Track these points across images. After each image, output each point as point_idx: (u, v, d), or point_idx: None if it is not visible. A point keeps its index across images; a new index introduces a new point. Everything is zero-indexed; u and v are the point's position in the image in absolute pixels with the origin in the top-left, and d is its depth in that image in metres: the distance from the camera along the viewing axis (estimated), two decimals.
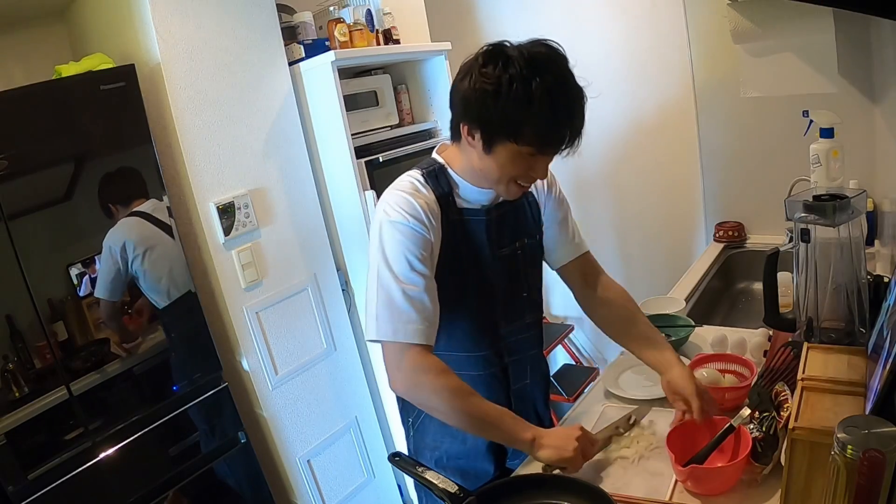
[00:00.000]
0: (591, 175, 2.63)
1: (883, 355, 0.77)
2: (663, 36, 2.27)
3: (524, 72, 0.93)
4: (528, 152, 1.00)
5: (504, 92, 0.94)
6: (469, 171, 1.10)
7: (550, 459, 1.03)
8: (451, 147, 1.14)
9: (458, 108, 1.03)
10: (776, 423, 0.94)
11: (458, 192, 1.12)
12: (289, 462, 1.97)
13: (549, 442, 1.03)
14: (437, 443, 1.22)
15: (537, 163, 1.03)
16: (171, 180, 1.76)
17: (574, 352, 2.89)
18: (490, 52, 0.98)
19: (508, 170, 1.02)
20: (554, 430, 1.08)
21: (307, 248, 2.03)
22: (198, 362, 1.77)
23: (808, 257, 1.05)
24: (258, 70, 1.89)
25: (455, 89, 1.02)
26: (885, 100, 1.78)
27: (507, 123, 0.96)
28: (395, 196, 1.07)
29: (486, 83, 0.95)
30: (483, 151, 1.01)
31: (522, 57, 0.95)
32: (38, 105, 1.48)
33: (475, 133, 1.01)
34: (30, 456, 1.44)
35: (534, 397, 1.29)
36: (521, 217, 1.20)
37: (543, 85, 0.94)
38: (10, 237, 1.39)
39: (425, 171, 1.11)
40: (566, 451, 1.02)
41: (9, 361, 1.41)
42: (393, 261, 1.03)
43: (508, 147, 0.99)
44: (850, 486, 0.64)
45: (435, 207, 1.08)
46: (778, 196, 1.63)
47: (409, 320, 1.01)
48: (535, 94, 0.93)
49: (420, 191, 1.08)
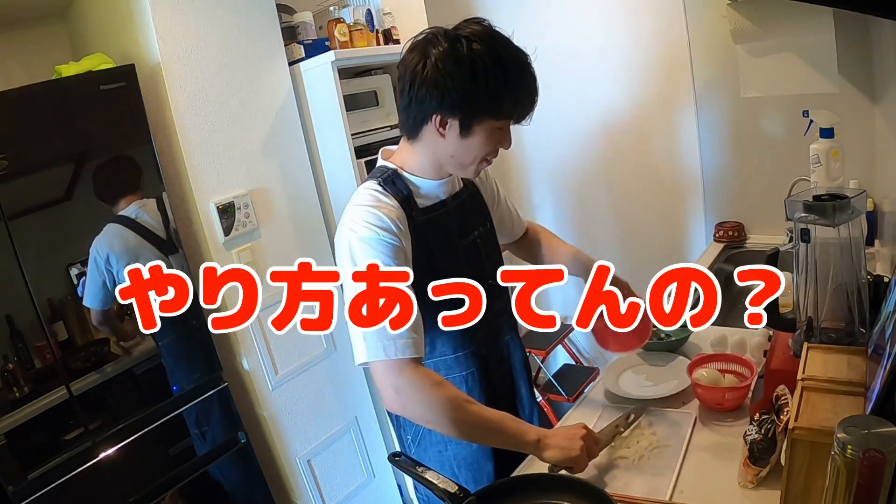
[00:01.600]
0: (591, 175, 2.63)
1: (884, 356, 0.77)
2: (663, 36, 2.27)
3: (486, 49, 0.96)
4: (503, 125, 1.03)
5: (481, 72, 0.96)
6: (428, 166, 1.10)
7: (556, 460, 1.02)
8: (399, 150, 1.14)
9: (426, 102, 1.00)
10: (775, 426, 0.94)
11: (417, 193, 1.12)
12: (289, 462, 1.97)
13: (555, 442, 1.03)
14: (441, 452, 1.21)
15: (506, 134, 1.06)
16: (171, 180, 1.76)
17: (574, 352, 2.89)
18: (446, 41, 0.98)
19: (484, 147, 1.04)
20: (558, 430, 1.08)
21: (307, 248, 2.03)
22: (198, 362, 1.77)
23: (808, 257, 1.05)
24: (258, 70, 1.89)
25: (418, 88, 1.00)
26: (885, 100, 1.78)
27: (488, 101, 0.98)
28: (358, 212, 1.05)
29: (460, 69, 0.96)
30: (459, 137, 1.02)
31: (474, 37, 0.97)
32: (38, 105, 1.48)
33: (450, 120, 1.00)
34: (30, 456, 1.44)
35: (518, 384, 1.29)
36: (475, 204, 1.23)
37: (506, 56, 0.97)
38: (10, 237, 1.39)
39: (381, 179, 1.10)
40: (572, 450, 1.02)
41: (9, 361, 1.41)
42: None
43: (486, 124, 1.01)
44: (850, 486, 0.64)
45: (400, 213, 1.07)
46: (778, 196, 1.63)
47: (397, 335, 0.99)
48: (506, 65, 0.97)
49: (382, 200, 1.06)
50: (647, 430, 1.18)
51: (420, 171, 1.11)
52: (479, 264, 1.20)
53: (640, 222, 2.61)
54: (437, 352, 1.16)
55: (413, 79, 1.00)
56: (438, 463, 1.20)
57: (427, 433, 1.20)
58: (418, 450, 1.23)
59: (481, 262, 1.20)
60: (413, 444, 1.23)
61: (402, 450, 1.27)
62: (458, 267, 1.14)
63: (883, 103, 1.80)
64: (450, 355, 1.17)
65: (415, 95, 1.01)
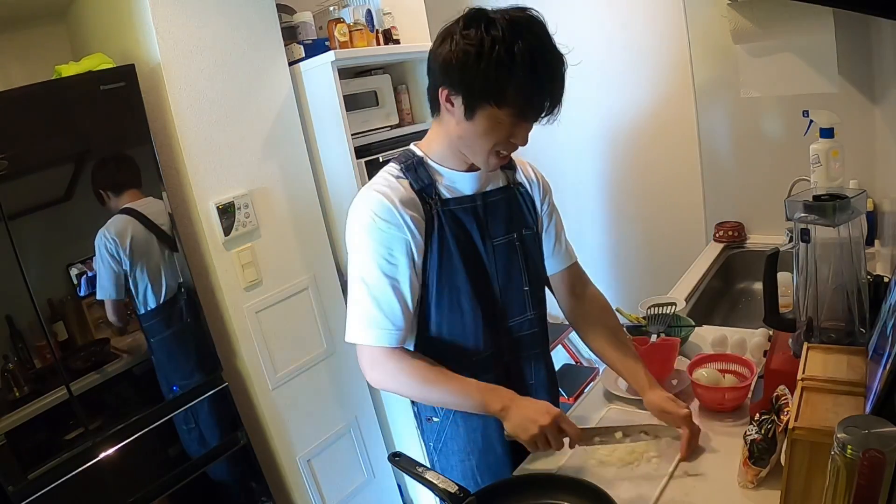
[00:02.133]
0: (591, 174, 2.63)
1: (884, 355, 0.77)
2: (663, 35, 2.27)
3: (506, 34, 0.93)
4: (509, 117, 0.99)
5: (486, 53, 0.93)
6: (448, 150, 1.08)
7: (511, 433, 1.02)
8: (428, 133, 1.13)
9: (437, 73, 1.01)
10: (775, 426, 0.94)
11: (442, 183, 1.10)
12: (289, 462, 1.97)
13: (516, 414, 1.02)
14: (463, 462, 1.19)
15: (518, 130, 1.02)
16: (171, 180, 1.76)
17: (574, 352, 2.89)
18: (471, 16, 0.97)
19: (490, 137, 1.01)
20: (528, 404, 1.04)
21: (307, 248, 2.03)
22: (198, 362, 1.77)
23: (808, 257, 1.05)
24: (258, 70, 1.89)
25: (434, 54, 1.01)
26: (885, 100, 1.78)
27: (489, 86, 0.95)
28: (366, 196, 1.06)
29: (468, 45, 0.94)
30: (464, 117, 1.00)
31: (504, 20, 0.95)
32: (38, 105, 1.48)
33: (454, 98, 0.99)
34: (30, 456, 1.44)
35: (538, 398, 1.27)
36: (514, 207, 1.18)
37: (525, 46, 0.93)
38: (10, 237, 1.39)
39: (403, 165, 1.09)
40: (527, 430, 1.00)
41: (9, 361, 1.41)
42: (362, 264, 1.05)
43: (490, 112, 0.98)
44: (850, 486, 0.64)
45: (414, 201, 1.06)
46: (778, 196, 1.63)
47: (378, 325, 1.04)
48: (518, 55, 0.93)
49: (394, 186, 1.06)
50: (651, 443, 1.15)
51: (443, 160, 1.10)
52: (517, 269, 1.17)
53: (640, 222, 2.61)
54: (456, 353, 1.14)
55: (435, 47, 1.01)
56: (461, 471, 1.19)
57: (449, 440, 1.19)
58: (440, 458, 1.22)
59: (519, 267, 1.17)
60: (435, 451, 1.22)
61: (425, 457, 1.26)
62: (488, 267, 1.13)
63: (883, 103, 1.80)
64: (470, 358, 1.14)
65: (431, 63, 1.02)
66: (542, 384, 1.26)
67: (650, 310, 1.47)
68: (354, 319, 1.07)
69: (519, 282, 1.18)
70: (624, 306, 1.67)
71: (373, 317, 1.05)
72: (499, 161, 1.07)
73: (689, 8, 2.17)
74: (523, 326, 1.19)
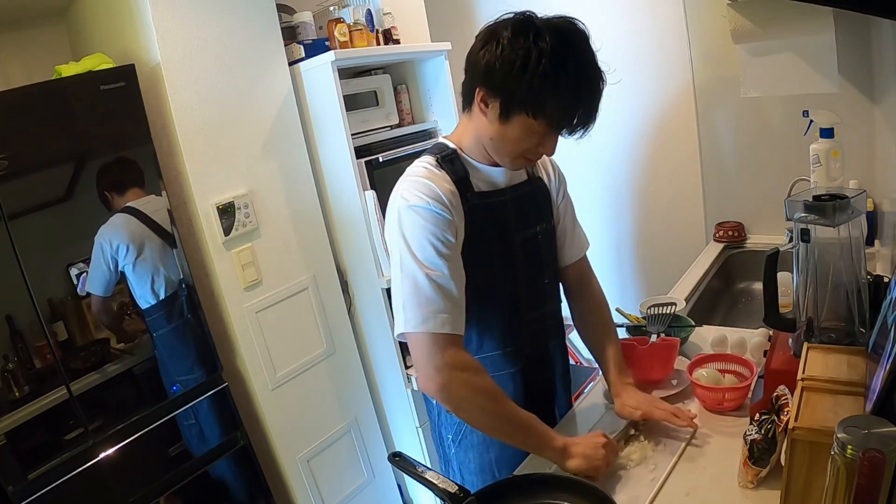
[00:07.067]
0: (591, 174, 2.63)
1: (884, 355, 0.77)
2: (663, 36, 2.27)
3: (555, 48, 0.92)
4: (543, 128, 0.99)
5: (532, 66, 0.92)
6: (477, 146, 1.08)
7: (580, 469, 1.02)
8: (457, 126, 1.13)
9: (477, 74, 1.00)
10: (775, 426, 0.94)
11: (475, 175, 1.10)
12: (289, 462, 1.97)
13: (579, 451, 1.03)
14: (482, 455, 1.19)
15: (548, 140, 1.03)
16: (171, 180, 1.76)
17: (574, 352, 2.89)
18: (520, 23, 0.96)
19: (521, 143, 1.02)
20: (581, 440, 1.07)
21: (307, 248, 2.03)
22: (197, 362, 1.77)
23: (808, 257, 1.05)
24: (258, 70, 1.88)
25: (476, 55, 1.00)
26: (885, 100, 1.78)
27: (530, 98, 0.95)
28: (411, 181, 1.04)
29: (514, 54, 0.93)
30: (499, 121, 1.00)
31: (552, 33, 0.94)
32: (38, 105, 1.48)
33: (492, 102, 0.99)
34: (30, 456, 1.44)
35: (557, 390, 1.28)
36: (539, 200, 1.19)
37: (572, 64, 0.93)
38: (10, 237, 1.39)
39: (439, 157, 1.08)
40: (595, 459, 1.02)
41: (9, 361, 1.41)
42: (416, 247, 0.99)
43: (525, 120, 0.98)
44: (850, 486, 0.64)
45: (454, 190, 1.05)
46: (778, 196, 1.64)
47: (438, 309, 0.97)
48: (563, 72, 0.92)
49: (435, 174, 1.05)
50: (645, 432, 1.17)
51: (474, 154, 1.10)
52: (538, 262, 1.18)
53: (640, 222, 2.61)
54: (485, 347, 1.15)
55: (478, 47, 1.00)
56: (479, 465, 1.19)
57: (469, 433, 1.18)
58: (458, 450, 1.21)
59: (540, 260, 1.18)
60: (454, 444, 1.22)
61: (439, 449, 1.26)
62: (514, 259, 1.13)
63: (883, 103, 1.80)
64: (496, 351, 1.15)
65: (472, 62, 1.01)
66: (560, 376, 1.28)
67: (650, 310, 1.47)
68: (407, 306, 0.99)
69: (540, 275, 1.19)
70: (624, 306, 1.67)
71: (430, 300, 0.97)
72: (524, 164, 1.09)
73: (689, 8, 2.17)
74: (543, 319, 1.20)
